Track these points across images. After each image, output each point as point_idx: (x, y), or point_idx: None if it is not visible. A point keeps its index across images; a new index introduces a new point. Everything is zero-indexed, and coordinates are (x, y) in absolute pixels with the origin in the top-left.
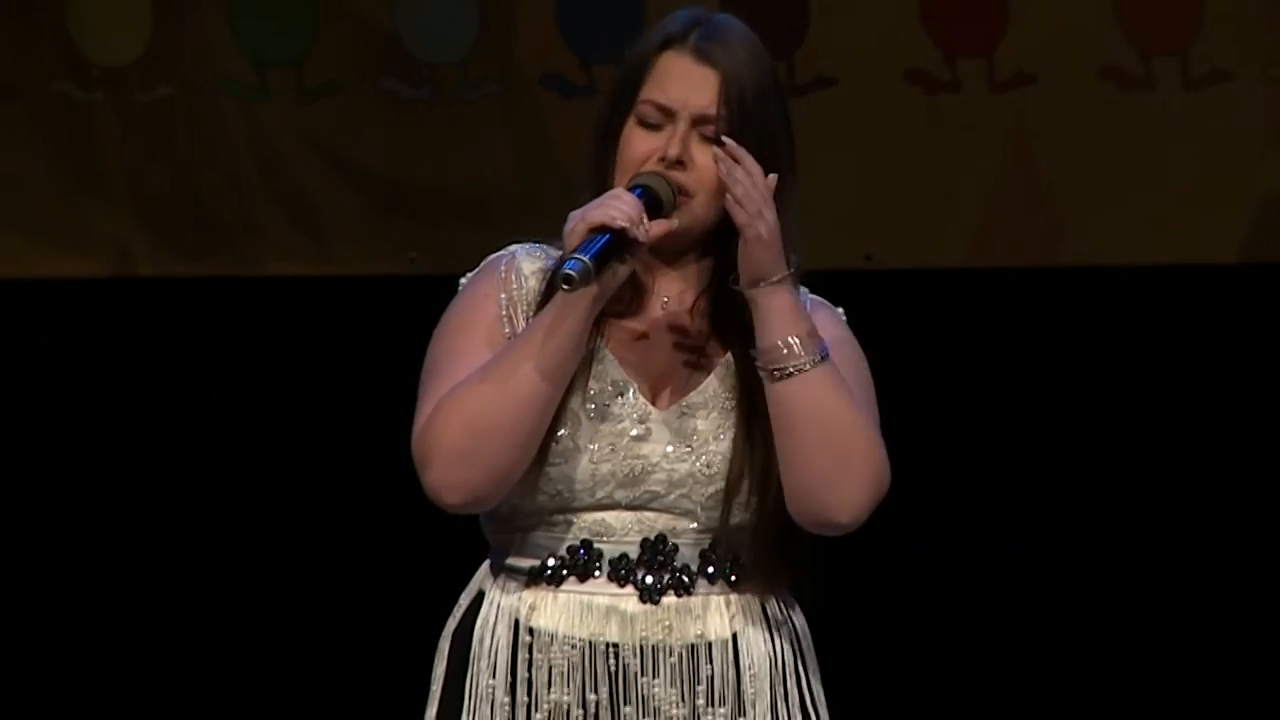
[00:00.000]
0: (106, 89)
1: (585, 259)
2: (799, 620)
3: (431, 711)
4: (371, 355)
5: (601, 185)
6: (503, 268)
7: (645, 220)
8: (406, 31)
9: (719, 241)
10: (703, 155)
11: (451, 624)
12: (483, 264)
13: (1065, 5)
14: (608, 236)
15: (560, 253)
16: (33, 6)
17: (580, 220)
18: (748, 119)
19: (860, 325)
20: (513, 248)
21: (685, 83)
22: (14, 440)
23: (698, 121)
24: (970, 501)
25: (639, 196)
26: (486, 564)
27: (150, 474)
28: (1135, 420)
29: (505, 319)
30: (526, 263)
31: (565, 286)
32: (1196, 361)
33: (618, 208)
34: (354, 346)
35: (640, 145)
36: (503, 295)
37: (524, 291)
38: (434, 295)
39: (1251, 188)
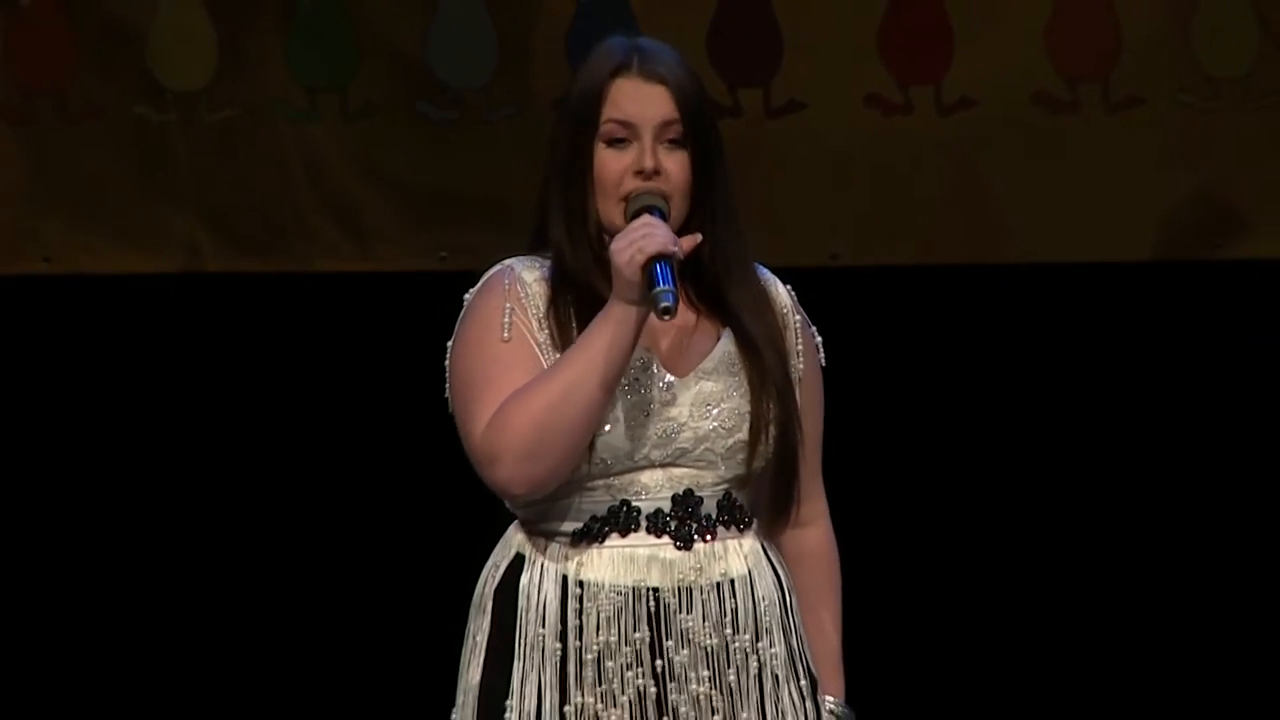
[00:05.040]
0: (179, 111)
1: (672, 289)
2: (784, 561)
3: (476, 662)
4: (407, 341)
5: (580, 203)
6: (506, 281)
7: (679, 244)
8: (436, 62)
9: (686, 230)
10: (670, 161)
11: (491, 585)
12: (484, 281)
13: (1002, 41)
14: (667, 262)
15: (547, 261)
16: (117, 42)
17: (637, 252)
18: (697, 121)
19: (826, 315)
20: (508, 262)
21: (641, 100)
22: (96, 415)
23: (660, 131)
24: (936, 481)
25: (661, 218)
26: (518, 533)
27: (218, 445)
28: (1062, 395)
29: (510, 325)
30: (526, 273)
31: (668, 316)
32: (1115, 344)
33: (664, 234)
34: (392, 334)
35: (613, 164)
36: (508, 305)
37: (530, 297)
38: (462, 288)
39: (1162, 196)
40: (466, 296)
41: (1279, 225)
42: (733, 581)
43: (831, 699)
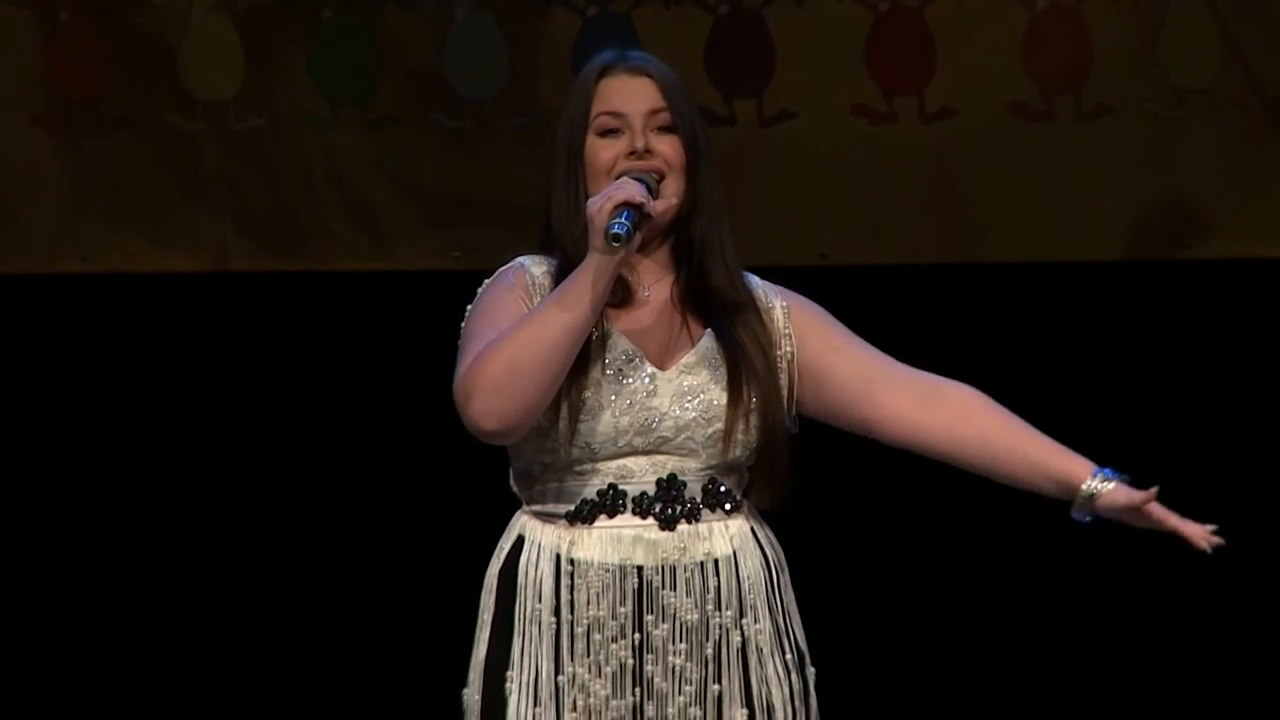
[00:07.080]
0: (208, 120)
1: (626, 223)
2: (775, 541)
3: (484, 637)
4: (423, 336)
5: (577, 196)
6: (512, 274)
7: (650, 198)
8: (451, 74)
9: (673, 230)
10: (661, 143)
11: (495, 566)
12: (496, 273)
13: (981, 54)
14: (631, 211)
15: (555, 260)
16: (150, 55)
17: (606, 200)
18: (683, 112)
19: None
20: (518, 259)
21: (629, 92)
22: (130, 407)
23: (649, 118)
24: (917, 472)
25: (646, 190)
26: (521, 516)
27: (245, 435)
28: (1036, 388)
29: (512, 303)
30: (534, 267)
31: (615, 244)
32: (1087, 339)
33: (634, 188)
34: (409, 329)
35: (605, 152)
36: (515, 290)
37: (536, 287)
38: (475, 285)
39: (1130, 200)
40: (479, 289)
41: (1242, 227)
42: (716, 561)
43: (1089, 475)
